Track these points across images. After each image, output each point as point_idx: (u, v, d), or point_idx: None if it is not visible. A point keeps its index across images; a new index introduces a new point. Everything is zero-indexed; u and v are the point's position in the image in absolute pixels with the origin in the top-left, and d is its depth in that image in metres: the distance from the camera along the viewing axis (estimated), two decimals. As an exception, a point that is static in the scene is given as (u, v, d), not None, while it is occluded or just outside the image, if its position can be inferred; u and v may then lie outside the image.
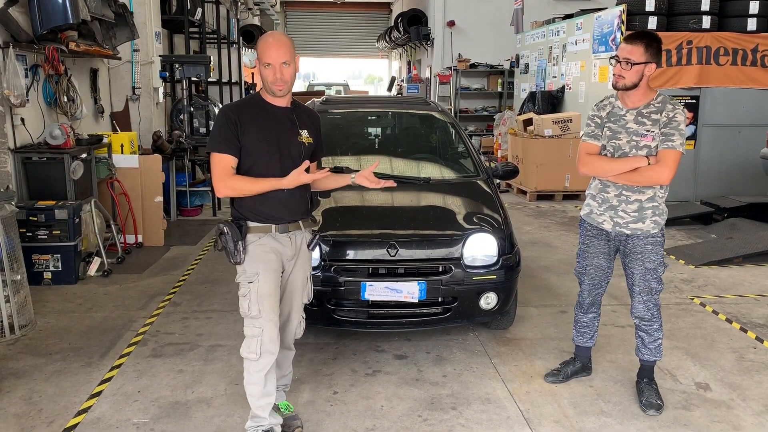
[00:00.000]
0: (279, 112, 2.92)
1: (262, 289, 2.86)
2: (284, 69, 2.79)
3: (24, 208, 5.14)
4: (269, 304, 2.87)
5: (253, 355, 2.85)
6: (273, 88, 2.84)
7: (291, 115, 2.95)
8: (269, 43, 2.80)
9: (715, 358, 4.04)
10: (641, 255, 3.32)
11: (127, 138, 6.65)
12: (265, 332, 2.84)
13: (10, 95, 5.11)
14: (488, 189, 4.59)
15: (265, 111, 2.89)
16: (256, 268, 2.87)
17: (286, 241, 2.95)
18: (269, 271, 2.89)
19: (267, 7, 18.75)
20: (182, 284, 5.37)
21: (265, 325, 2.85)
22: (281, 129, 2.91)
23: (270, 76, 2.81)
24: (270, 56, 2.78)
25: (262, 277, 2.87)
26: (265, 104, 2.91)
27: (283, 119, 2.92)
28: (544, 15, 12.67)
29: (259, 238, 2.90)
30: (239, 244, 2.84)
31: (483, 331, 4.39)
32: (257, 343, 2.84)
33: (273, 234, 2.91)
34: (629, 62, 3.17)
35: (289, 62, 2.80)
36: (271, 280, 2.89)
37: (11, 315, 4.20)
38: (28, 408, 3.34)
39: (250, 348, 2.86)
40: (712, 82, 8.37)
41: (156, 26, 8.38)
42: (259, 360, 2.85)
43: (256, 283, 2.86)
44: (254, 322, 2.86)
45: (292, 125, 2.94)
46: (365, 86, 38.66)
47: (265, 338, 2.84)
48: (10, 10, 5.21)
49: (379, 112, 5.79)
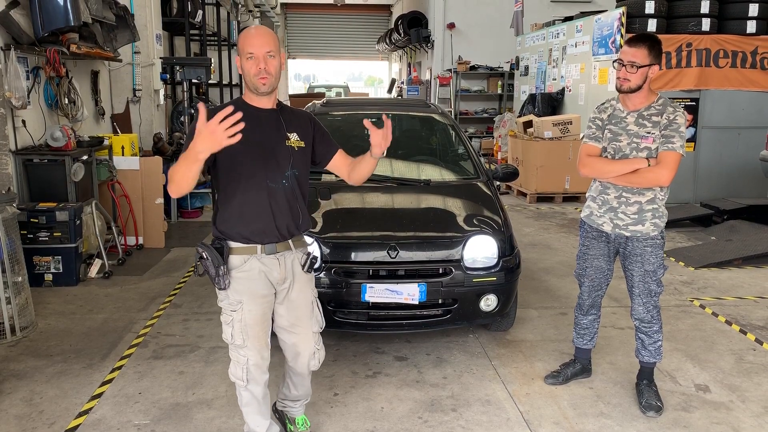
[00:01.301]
0: (263, 116, 2.63)
1: (246, 318, 2.64)
2: (269, 60, 2.52)
3: (25, 210, 5.15)
4: (254, 332, 2.66)
5: (240, 382, 2.72)
6: (256, 82, 2.53)
7: (277, 117, 2.67)
8: (251, 34, 2.55)
9: (714, 359, 4.05)
10: (641, 257, 3.33)
11: (127, 140, 6.66)
12: (250, 360, 2.68)
13: (11, 97, 5.12)
14: (488, 191, 4.60)
15: (247, 115, 2.38)
16: (239, 296, 2.64)
17: (273, 264, 2.66)
18: (255, 298, 2.65)
19: (267, 9, 18.77)
20: (183, 286, 5.38)
21: (251, 354, 2.67)
22: (265, 134, 2.62)
23: (253, 69, 2.51)
24: (253, 45, 2.51)
25: (246, 306, 2.64)
26: (248, 107, 2.59)
27: (267, 123, 2.64)
28: (544, 17, 12.68)
29: (244, 262, 2.63)
30: (221, 269, 2.57)
31: (483, 332, 4.40)
32: (243, 370, 2.69)
33: (258, 256, 2.64)
34: (634, 65, 3.18)
35: (273, 53, 2.52)
36: (257, 307, 2.66)
37: (12, 316, 4.21)
38: (29, 409, 3.34)
39: (237, 374, 2.72)
40: (712, 85, 8.37)
41: (157, 28, 8.40)
42: (248, 385, 2.73)
43: (239, 312, 2.64)
44: (239, 350, 2.69)
45: (278, 129, 2.66)
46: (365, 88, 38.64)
47: (251, 366, 2.69)
48: (12, 12, 5.23)
49: (379, 115, 5.79)
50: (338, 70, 39.54)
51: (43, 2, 5.37)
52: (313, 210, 4.15)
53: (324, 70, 39.23)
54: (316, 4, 25.44)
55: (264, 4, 17.87)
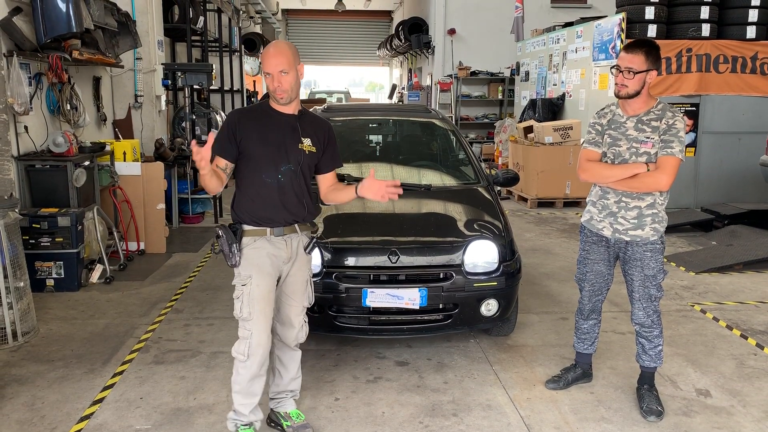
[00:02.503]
0: (283, 119, 2.99)
1: (254, 292, 2.91)
2: (282, 78, 2.87)
3: (27, 216, 5.17)
4: (260, 307, 2.92)
5: (241, 356, 2.93)
6: (274, 96, 2.93)
7: (295, 122, 3.01)
8: (269, 53, 2.89)
9: (715, 364, 4.05)
10: (640, 262, 3.34)
11: (129, 146, 6.68)
12: (254, 335, 2.91)
13: (13, 103, 5.15)
14: (489, 196, 4.61)
15: (269, 117, 2.99)
16: (249, 271, 2.93)
17: (281, 245, 2.99)
18: (262, 274, 2.94)
19: (268, 16, 18.86)
20: (184, 291, 5.38)
21: (255, 328, 2.91)
22: (282, 135, 2.97)
23: (270, 85, 2.91)
24: (268, 65, 2.87)
25: (254, 281, 2.92)
26: (271, 111, 3.00)
27: (285, 126, 2.99)
28: (544, 23, 12.74)
29: (254, 241, 2.95)
30: (234, 246, 2.91)
31: (484, 337, 4.41)
32: (246, 345, 2.91)
33: (268, 237, 2.96)
34: (631, 71, 3.20)
35: (287, 71, 2.87)
36: (264, 284, 2.94)
37: (14, 322, 4.22)
38: (31, 414, 3.35)
39: (239, 349, 2.94)
40: (712, 90, 8.39)
41: (158, 35, 8.42)
42: (246, 361, 2.92)
43: (248, 285, 2.92)
44: (245, 324, 2.93)
45: (293, 132, 2.99)
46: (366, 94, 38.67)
47: (253, 341, 2.91)
48: (15, 18, 5.26)
49: (380, 120, 5.82)
50: (339, 75, 39.63)
51: (46, 9, 5.41)
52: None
53: (325, 75, 39.36)
54: (316, 10, 25.53)
55: (265, 11, 17.94)
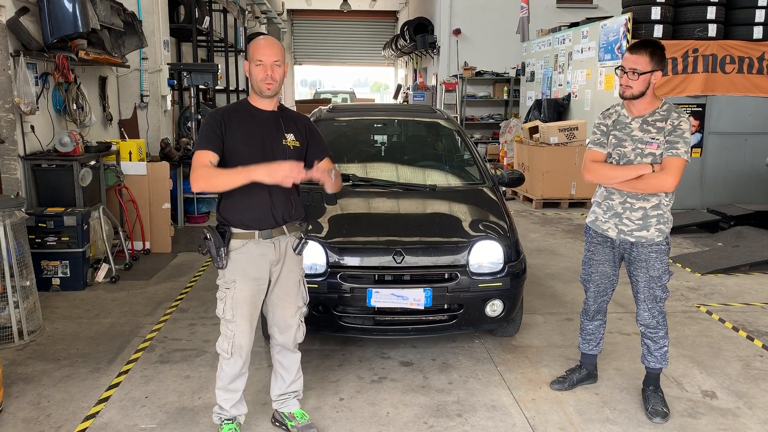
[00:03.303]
0: (264, 116, 2.96)
1: (237, 296, 2.93)
2: (275, 68, 2.85)
3: (33, 215, 5.18)
4: (243, 311, 2.95)
5: (225, 354, 2.99)
6: (262, 86, 2.87)
7: (276, 118, 2.98)
8: (262, 44, 2.88)
9: (721, 366, 4.03)
10: (645, 263, 3.33)
11: (135, 145, 6.70)
12: (236, 336, 2.96)
13: (20, 103, 5.17)
14: (494, 196, 4.60)
15: (251, 114, 2.94)
16: (234, 276, 2.93)
17: (269, 247, 2.96)
18: (247, 279, 2.94)
19: (274, 16, 18.89)
20: (189, 291, 5.40)
21: (237, 330, 2.96)
22: (265, 132, 2.94)
23: (260, 74, 2.85)
24: (263, 54, 2.84)
25: (238, 285, 2.93)
26: (252, 108, 2.97)
27: (267, 122, 2.95)
28: (549, 23, 12.71)
29: (242, 245, 2.92)
30: (221, 250, 2.89)
31: (489, 338, 4.40)
32: (229, 343, 2.97)
33: (256, 240, 2.93)
34: (636, 72, 3.19)
35: (280, 63, 2.87)
36: (248, 289, 2.94)
37: (20, 321, 4.23)
38: (36, 413, 3.36)
39: (223, 346, 3.00)
40: (718, 90, 8.37)
41: (164, 35, 8.45)
42: (230, 359, 2.99)
43: (232, 290, 2.94)
44: (228, 324, 2.97)
45: (277, 129, 2.96)
46: (371, 94, 38.69)
47: (236, 341, 2.97)
48: (21, 19, 5.28)
49: (385, 120, 5.82)
50: (344, 75, 39.67)
51: (53, 9, 5.43)
52: (319, 215, 4.17)
53: (330, 75, 39.42)
54: (322, 11, 25.55)
55: (271, 11, 17.97)
